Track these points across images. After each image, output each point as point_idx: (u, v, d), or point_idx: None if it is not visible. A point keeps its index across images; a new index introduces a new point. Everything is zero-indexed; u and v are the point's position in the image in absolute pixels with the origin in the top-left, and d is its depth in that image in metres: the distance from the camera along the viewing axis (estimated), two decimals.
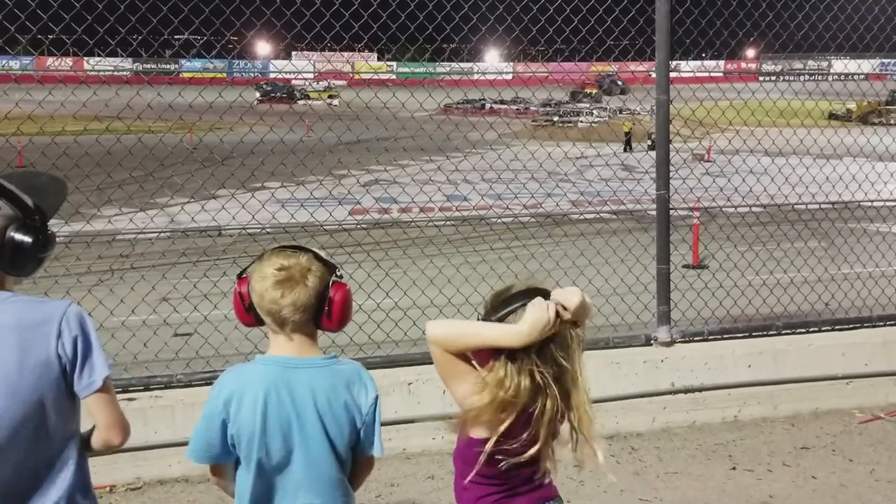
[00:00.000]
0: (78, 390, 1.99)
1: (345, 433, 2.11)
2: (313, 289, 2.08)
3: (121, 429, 2.06)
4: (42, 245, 2.00)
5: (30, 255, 1.98)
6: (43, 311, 1.98)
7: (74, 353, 1.96)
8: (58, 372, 1.95)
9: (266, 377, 2.09)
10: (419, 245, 7.34)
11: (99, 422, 2.04)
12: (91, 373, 1.98)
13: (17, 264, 1.97)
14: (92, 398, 2.00)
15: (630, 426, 4.99)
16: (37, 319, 1.96)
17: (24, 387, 1.92)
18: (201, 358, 4.83)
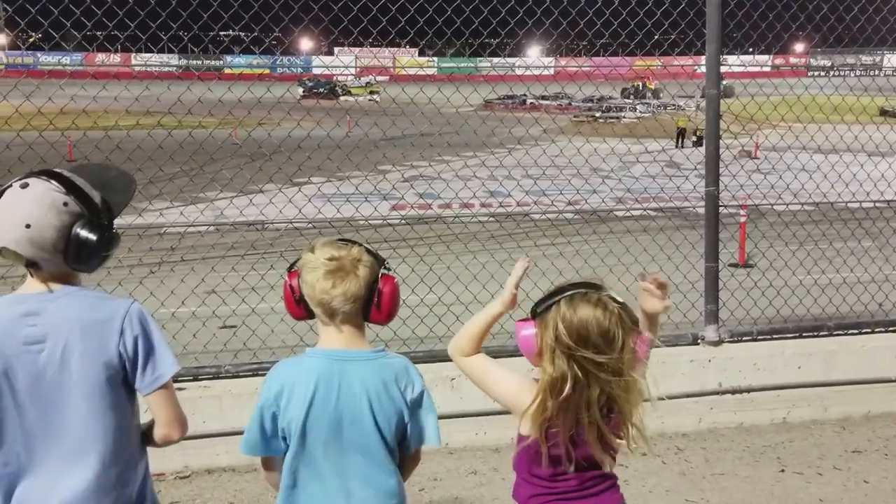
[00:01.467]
0: (140, 387, 2.03)
1: (392, 426, 2.12)
2: (364, 279, 2.10)
3: (180, 424, 2.10)
4: (106, 243, 2.03)
5: (94, 253, 2.01)
6: (107, 309, 2.01)
7: (135, 351, 2.00)
8: (118, 368, 2.00)
9: (316, 369, 2.10)
10: (463, 240, 7.33)
11: (160, 418, 2.08)
12: (154, 370, 2.02)
13: (82, 260, 2.01)
14: (155, 395, 2.03)
15: (676, 426, 4.92)
16: (101, 316, 2.00)
17: (88, 381, 1.96)
18: (248, 350, 4.90)
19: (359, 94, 38.27)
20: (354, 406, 2.08)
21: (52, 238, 1.95)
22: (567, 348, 2.00)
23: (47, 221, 1.94)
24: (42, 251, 1.96)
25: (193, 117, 6.99)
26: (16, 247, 1.94)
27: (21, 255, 1.95)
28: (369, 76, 42.21)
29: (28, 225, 1.93)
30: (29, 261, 1.97)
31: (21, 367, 1.95)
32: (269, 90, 6.07)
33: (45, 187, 1.98)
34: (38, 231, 1.94)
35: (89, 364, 1.96)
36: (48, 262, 1.99)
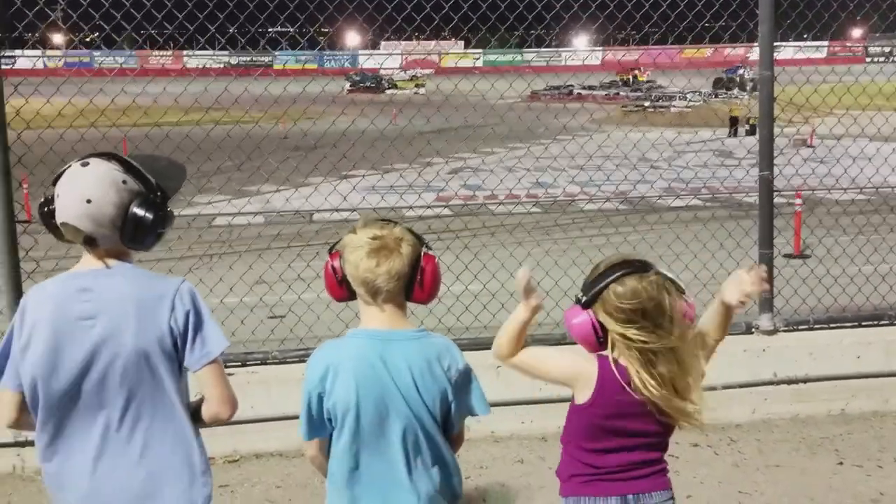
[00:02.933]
0: (189, 363, 2.04)
1: (437, 405, 2.11)
2: (407, 257, 2.09)
3: (230, 403, 2.10)
4: (161, 221, 2.07)
5: (150, 231, 2.05)
6: (159, 285, 2.05)
7: (186, 326, 2.02)
8: (170, 345, 2.02)
9: (360, 350, 2.09)
10: (507, 229, 7.26)
11: (210, 395, 2.09)
12: (203, 346, 2.03)
13: (138, 238, 2.05)
14: (204, 371, 2.05)
15: (729, 417, 4.80)
16: (154, 293, 2.03)
17: (141, 355, 1.99)
18: (295, 336, 4.92)
19: (405, 88, 38.38)
20: (402, 385, 2.07)
21: (111, 214, 1.99)
22: (625, 324, 2.03)
23: (107, 198, 1.99)
24: (101, 227, 2.00)
25: (240, 109, 7.09)
26: (76, 222, 1.98)
27: (80, 230, 1.99)
28: (415, 69, 42.28)
29: (89, 200, 1.97)
30: (87, 237, 2.01)
31: (74, 342, 1.98)
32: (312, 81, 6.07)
33: (106, 166, 2.03)
34: (98, 207, 1.98)
35: (141, 339, 1.98)
36: (105, 239, 2.02)
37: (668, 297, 2.05)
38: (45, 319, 2.00)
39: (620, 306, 2.03)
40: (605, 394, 2.07)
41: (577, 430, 2.13)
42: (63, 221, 2.00)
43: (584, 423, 2.11)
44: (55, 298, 2.02)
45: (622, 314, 2.03)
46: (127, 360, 1.99)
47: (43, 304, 2.02)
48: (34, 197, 10.02)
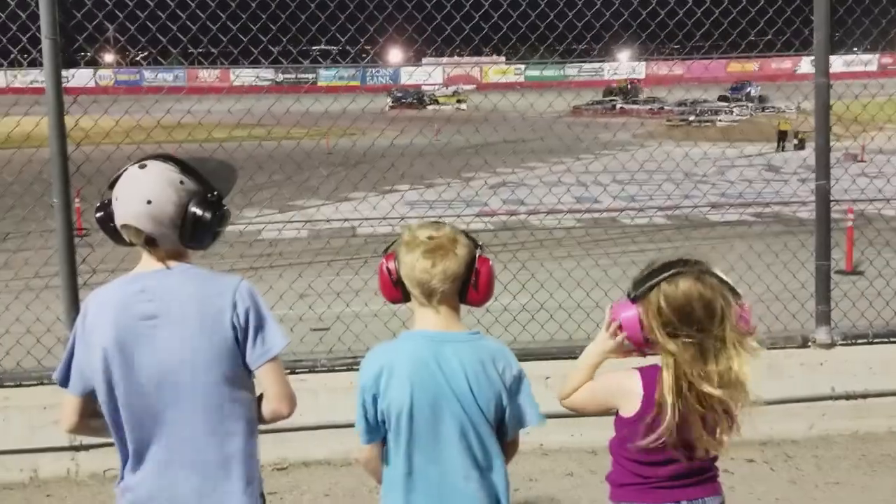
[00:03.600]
0: (250, 360, 2.05)
1: (492, 408, 2.08)
2: (462, 258, 2.08)
3: (290, 399, 2.10)
4: (219, 219, 2.10)
5: (208, 229, 2.08)
6: (220, 284, 2.06)
7: (247, 323, 2.03)
8: (232, 342, 2.03)
9: (414, 351, 2.07)
10: (548, 247, 7.22)
11: (270, 392, 2.09)
12: (265, 343, 2.04)
13: (196, 237, 2.07)
14: (264, 368, 2.05)
15: (785, 432, 4.66)
16: (214, 291, 2.04)
17: (205, 353, 2.01)
18: (344, 345, 4.94)
19: (446, 103, 38.55)
20: (457, 387, 2.05)
21: (171, 213, 2.02)
22: (674, 326, 1.98)
23: (167, 197, 2.01)
24: (161, 227, 2.02)
25: (285, 127, 7.19)
26: (137, 222, 2.01)
27: (142, 230, 2.01)
28: (457, 85, 42.46)
29: (149, 201, 2.00)
30: (148, 237, 2.02)
31: (136, 343, 2.00)
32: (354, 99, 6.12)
33: (162, 167, 2.06)
34: (158, 207, 2.00)
35: (204, 337, 2.01)
36: (165, 239, 2.04)
37: (722, 302, 1.99)
38: (108, 322, 2.02)
39: (666, 306, 1.98)
40: (652, 406, 2.02)
41: (625, 442, 2.08)
42: (124, 223, 2.02)
43: (632, 438, 2.05)
44: (117, 301, 2.03)
45: (667, 315, 1.98)
46: (191, 359, 2.00)
47: (104, 307, 2.05)
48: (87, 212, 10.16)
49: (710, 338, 1.98)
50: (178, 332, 2.00)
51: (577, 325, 5.21)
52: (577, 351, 2.24)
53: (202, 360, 2.01)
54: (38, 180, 4.85)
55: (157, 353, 2.00)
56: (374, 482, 2.23)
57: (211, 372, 2.01)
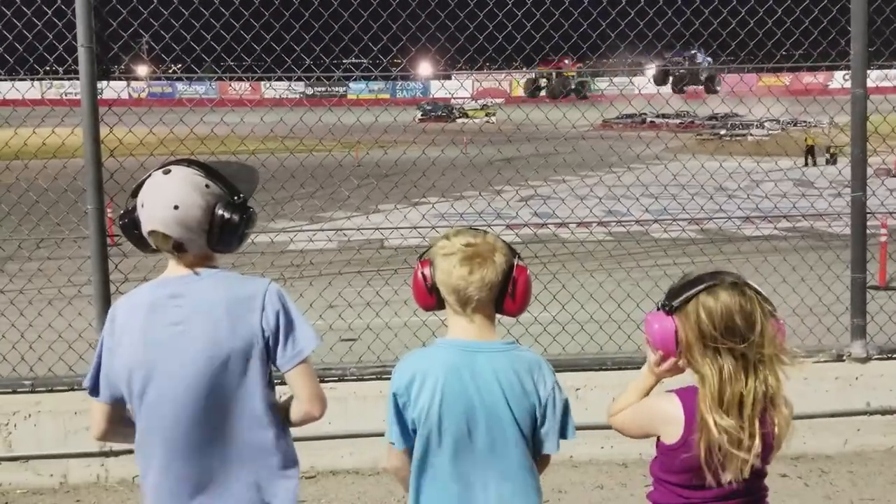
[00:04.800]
0: (281, 363, 2.05)
1: (528, 420, 2.04)
2: (500, 266, 2.05)
3: (321, 401, 2.11)
4: (246, 222, 2.09)
5: (235, 232, 2.08)
6: (249, 287, 2.07)
7: (277, 326, 2.03)
8: (262, 345, 2.03)
9: (448, 360, 2.04)
10: (579, 258, 7.16)
11: (301, 394, 2.09)
12: (295, 345, 2.04)
13: (224, 240, 2.07)
14: (295, 371, 2.06)
15: (819, 448, 4.56)
16: (243, 294, 2.05)
17: (234, 357, 2.01)
18: (372, 353, 4.93)
19: (475, 117, 38.63)
20: (489, 398, 2.01)
21: (198, 217, 2.02)
22: (713, 340, 1.91)
23: (193, 202, 2.02)
24: (189, 231, 2.02)
25: (314, 139, 7.21)
26: (165, 228, 2.01)
27: (170, 236, 2.02)
28: (486, 98, 42.54)
29: (176, 206, 2.00)
30: (176, 242, 2.03)
31: (167, 349, 2.01)
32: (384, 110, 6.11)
33: (187, 171, 2.07)
34: (185, 211, 2.01)
35: (235, 341, 2.00)
36: (193, 244, 2.05)
37: (762, 315, 1.94)
38: (137, 328, 2.03)
39: (706, 318, 1.92)
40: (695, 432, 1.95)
41: (668, 469, 2.02)
42: (151, 229, 2.03)
43: (675, 464, 1.99)
44: (145, 306, 2.05)
45: (707, 327, 1.92)
46: (221, 363, 2.00)
47: (134, 312, 2.05)
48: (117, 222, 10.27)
49: (751, 351, 1.91)
50: (208, 335, 1.99)
51: (608, 337, 5.16)
52: (607, 363, 2.19)
53: (232, 364, 1.99)
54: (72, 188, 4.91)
55: (185, 358, 1.99)
56: (402, 492, 2.21)
57: (242, 375, 2.00)
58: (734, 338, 1.91)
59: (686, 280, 2.00)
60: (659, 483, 2.07)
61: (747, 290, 1.95)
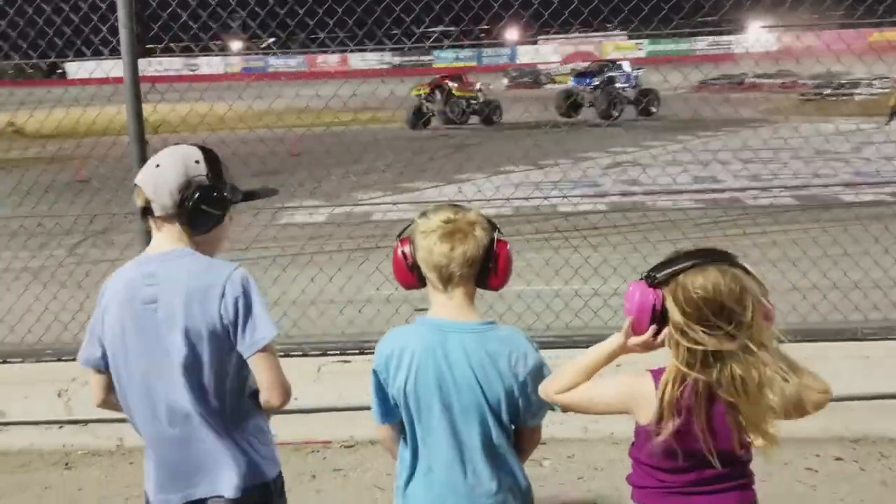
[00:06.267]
0: (241, 349, 2.04)
1: (501, 400, 2.03)
2: (481, 241, 2.03)
3: (281, 390, 2.09)
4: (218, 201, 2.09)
5: (206, 209, 2.08)
6: (213, 272, 2.07)
7: (236, 314, 2.03)
8: (220, 330, 2.03)
9: (423, 339, 2.04)
10: (662, 229, 6.98)
11: (261, 381, 2.08)
12: (253, 333, 2.03)
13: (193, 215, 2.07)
14: (254, 358, 2.05)
15: (880, 430, 4.32)
16: (207, 279, 2.05)
17: (196, 339, 2.02)
18: None
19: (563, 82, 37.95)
20: (460, 378, 2.02)
21: (170, 182, 2.05)
22: (697, 321, 1.81)
23: (173, 166, 2.06)
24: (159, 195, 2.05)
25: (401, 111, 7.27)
26: (142, 183, 2.08)
27: (142, 191, 2.07)
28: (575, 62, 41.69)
29: (157, 164, 2.07)
30: (144, 206, 2.08)
31: (138, 325, 2.06)
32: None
33: (190, 147, 2.13)
34: (162, 172, 2.06)
35: (191, 323, 2.02)
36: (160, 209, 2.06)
37: (751, 299, 1.82)
38: (117, 304, 2.08)
39: (694, 297, 1.81)
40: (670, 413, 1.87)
41: (643, 449, 1.96)
42: (135, 183, 2.10)
43: (650, 446, 1.92)
44: (125, 283, 2.10)
45: (692, 306, 1.81)
46: (185, 344, 2.02)
47: (116, 288, 2.11)
48: None
49: (735, 336, 1.81)
50: (174, 316, 2.03)
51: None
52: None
53: (195, 345, 2.02)
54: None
55: (154, 335, 2.04)
56: None
57: (203, 357, 2.03)
58: (720, 320, 1.80)
59: (676, 254, 1.89)
60: (637, 465, 2.01)
61: (739, 273, 1.83)
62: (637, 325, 1.88)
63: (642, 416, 1.89)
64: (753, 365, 1.81)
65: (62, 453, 4.40)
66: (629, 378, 1.94)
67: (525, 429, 2.11)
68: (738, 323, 1.80)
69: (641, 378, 1.92)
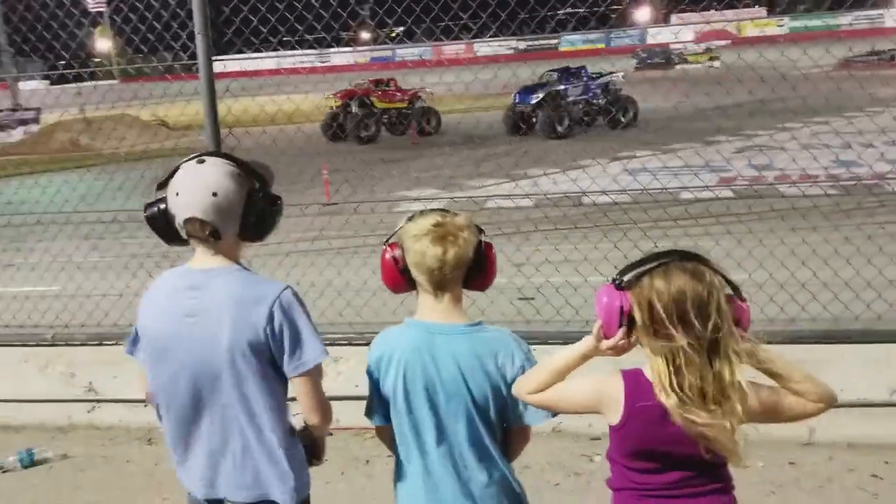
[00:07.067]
0: (286, 371, 2.08)
1: (489, 401, 2.06)
2: (471, 244, 2.08)
3: (320, 412, 2.14)
4: (279, 211, 2.16)
5: (268, 220, 2.14)
6: (261, 290, 2.08)
7: (282, 335, 2.05)
8: (264, 349, 2.05)
9: (411, 341, 2.11)
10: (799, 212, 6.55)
11: (302, 403, 2.13)
12: (301, 356, 2.07)
13: (257, 229, 2.13)
14: (297, 381, 2.10)
15: None
16: (254, 296, 2.07)
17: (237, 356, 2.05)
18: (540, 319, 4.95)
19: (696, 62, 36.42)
20: (448, 380, 2.05)
21: (234, 205, 2.07)
22: (663, 325, 1.76)
23: (230, 189, 2.07)
24: (226, 219, 2.07)
25: None
26: (203, 215, 2.05)
27: (207, 222, 2.06)
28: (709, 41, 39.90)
29: (215, 193, 2.04)
30: (212, 229, 2.07)
31: (176, 336, 2.09)
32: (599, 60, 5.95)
33: (221, 161, 2.11)
34: (224, 198, 2.05)
35: (234, 340, 2.04)
36: (227, 232, 2.09)
37: (719, 302, 1.77)
38: (157, 311, 2.14)
39: (657, 300, 1.77)
40: (635, 415, 1.84)
41: (616, 450, 1.93)
42: (189, 216, 2.06)
43: (620, 445, 1.90)
44: (168, 293, 2.14)
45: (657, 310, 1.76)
46: (225, 360, 2.05)
47: (158, 296, 2.16)
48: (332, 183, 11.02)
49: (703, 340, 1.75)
50: (216, 331, 2.05)
51: (800, 307, 4.80)
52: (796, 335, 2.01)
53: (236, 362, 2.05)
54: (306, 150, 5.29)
55: (192, 349, 2.08)
56: None
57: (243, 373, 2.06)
58: (685, 324, 1.75)
59: (642, 258, 1.84)
60: (614, 465, 1.96)
61: (708, 274, 1.78)
62: (606, 329, 1.86)
63: (612, 416, 1.88)
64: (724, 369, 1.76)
65: (146, 430, 4.74)
66: (600, 378, 1.92)
67: (514, 428, 2.14)
68: (702, 325, 1.74)
69: (612, 378, 1.89)
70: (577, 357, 1.94)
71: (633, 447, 1.88)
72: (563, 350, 1.98)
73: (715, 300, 1.77)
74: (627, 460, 1.92)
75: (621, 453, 1.92)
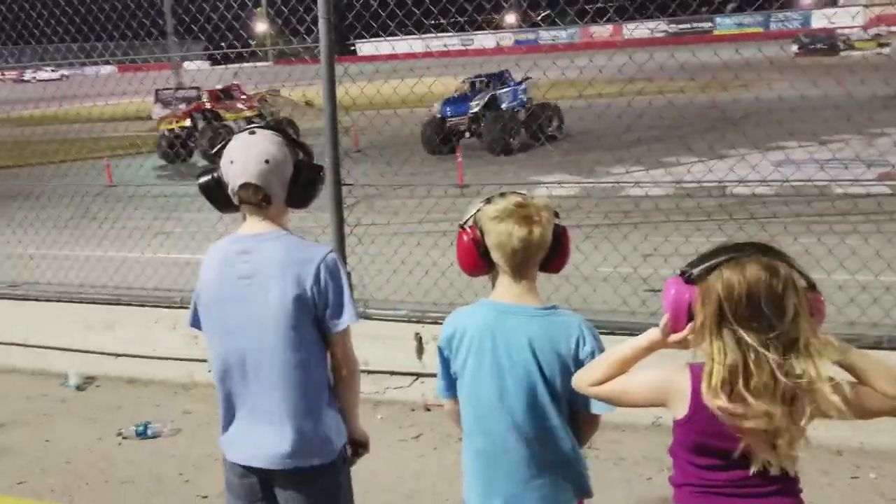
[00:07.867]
0: (327, 326, 2.24)
1: (558, 382, 2.05)
2: (551, 225, 2.10)
3: (348, 364, 2.31)
4: (322, 179, 2.30)
5: (315, 187, 2.30)
6: (308, 252, 2.24)
7: (326, 295, 2.21)
8: (310, 306, 2.20)
9: (484, 320, 2.12)
10: None
11: (334, 357, 2.30)
12: (340, 316, 2.23)
13: (304, 196, 2.29)
14: (334, 336, 2.26)
15: None
16: (301, 258, 2.22)
17: (287, 314, 2.19)
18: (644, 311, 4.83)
19: (864, 48, 33.81)
20: (519, 359, 2.06)
21: (285, 171, 2.24)
22: (732, 321, 1.69)
23: (282, 157, 2.23)
24: (277, 185, 2.23)
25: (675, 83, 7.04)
26: (258, 180, 2.20)
27: (261, 187, 2.21)
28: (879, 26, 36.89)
29: (267, 160, 2.20)
30: (265, 195, 2.22)
31: (232, 299, 2.24)
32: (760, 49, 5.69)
33: (270, 133, 2.27)
34: (275, 165, 2.21)
35: (286, 299, 2.18)
36: (277, 198, 2.24)
37: (795, 296, 1.67)
38: (213, 277, 2.28)
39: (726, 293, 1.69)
40: (702, 410, 1.75)
41: (681, 445, 1.86)
42: (244, 182, 2.20)
43: (686, 440, 1.83)
44: (221, 260, 2.27)
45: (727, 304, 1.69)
46: (277, 318, 2.19)
47: (212, 264, 2.30)
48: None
49: (779, 337, 1.67)
50: (269, 291, 2.19)
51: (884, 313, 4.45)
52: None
53: (281, 319, 2.19)
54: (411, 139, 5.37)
55: (247, 309, 2.21)
56: None
57: (288, 330, 2.20)
58: (758, 321, 1.66)
59: (713, 250, 1.76)
60: (677, 461, 1.89)
61: (782, 268, 1.69)
62: (674, 323, 1.80)
63: (678, 409, 1.83)
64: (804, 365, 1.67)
65: None
66: (667, 371, 1.86)
67: (582, 414, 2.13)
68: (777, 320, 1.67)
69: (680, 371, 1.83)
70: (640, 349, 1.91)
71: (698, 442, 1.85)
72: (625, 343, 1.94)
73: (791, 295, 1.70)
74: (692, 456, 1.88)
75: (686, 448, 1.88)
